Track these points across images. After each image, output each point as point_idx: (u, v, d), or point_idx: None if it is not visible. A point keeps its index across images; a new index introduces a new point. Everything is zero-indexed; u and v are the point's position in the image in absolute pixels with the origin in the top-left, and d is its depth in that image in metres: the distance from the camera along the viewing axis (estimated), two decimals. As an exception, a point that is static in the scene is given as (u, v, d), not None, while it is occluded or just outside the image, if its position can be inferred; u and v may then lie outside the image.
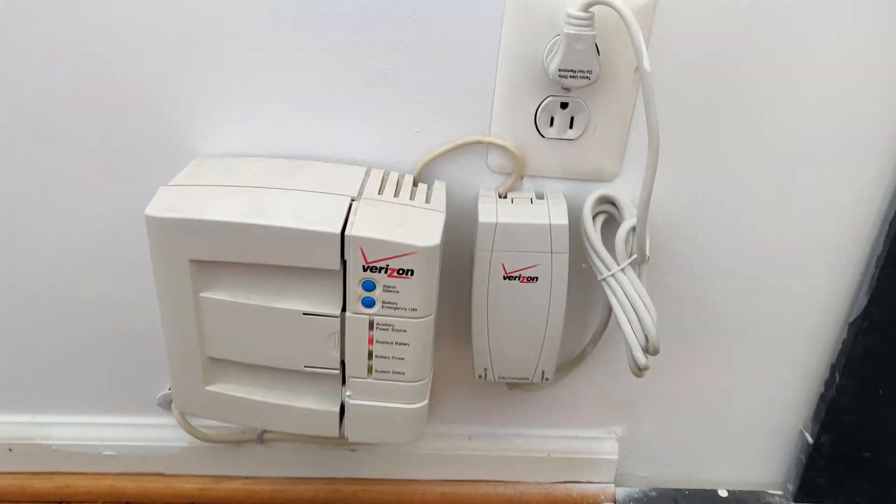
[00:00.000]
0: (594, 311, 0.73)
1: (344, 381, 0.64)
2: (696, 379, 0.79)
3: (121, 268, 0.71)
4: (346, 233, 0.55)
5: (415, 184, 0.64)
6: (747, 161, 0.66)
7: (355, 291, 0.57)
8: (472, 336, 0.68)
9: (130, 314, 0.74)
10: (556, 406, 0.81)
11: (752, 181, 0.67)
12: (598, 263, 0.64)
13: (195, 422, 0.81)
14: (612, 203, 0.65)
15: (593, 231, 0.64)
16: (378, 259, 0.56)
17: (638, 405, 0.81)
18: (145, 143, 0.64)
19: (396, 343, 0.60)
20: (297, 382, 0.64)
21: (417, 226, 0.57)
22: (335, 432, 0.66)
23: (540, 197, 0.65)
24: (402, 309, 0.58)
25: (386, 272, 0.56)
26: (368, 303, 0.58)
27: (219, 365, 0.64)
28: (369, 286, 0.57)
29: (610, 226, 0.66)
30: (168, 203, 0.57)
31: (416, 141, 0.64)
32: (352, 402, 0.63)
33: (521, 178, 0.66)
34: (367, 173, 0.63)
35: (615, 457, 0.83)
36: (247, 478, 0.85)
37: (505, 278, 0.64)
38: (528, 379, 0.71)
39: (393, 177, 0.64)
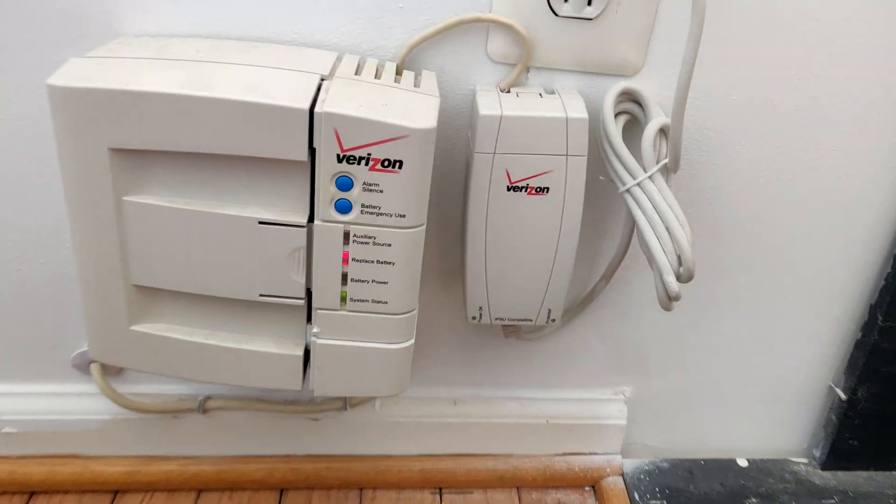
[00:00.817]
0: (609, 238, 0.62)
1: (310, 317, 0.51)
2: (715, 325, 0.68)
3: (13, 178, 0.57)
4: (317, 109, 0.43)
5: (398, 73, 0.51)
6: (795, 55, 0.55)
7: (327, 191, 0.45)
8: (466, 265, 0.55)
9: (34, 245, 0.60)
10: (556, 360, 0.69)
11: (802, 82, 0.56)
12: (622, 171, 0.52)
13: (122, 387, 0.67)
14: (636, 101, 0.54)
15: (616, 131, 0.52)
16: (358, 146, 0.43)
17: (649, 359, 0.70)
18: (50, 19, 0.50)
19: (379, 262, 0.47)
20: (249, 318, 0.51)
21: (407, 106, 0.45)
22: (297, 384, 0.53)
23: (550, 93, 0.53)
24: (386, 215, 0.46)
25: (367, 164, 0.44)
26: (343, 207, 0.45)
27: (148, 296, 0.50)
28: (345, 184, 0.45)
29: (631, 129, 0.55)
30: (81, 73, 0.43)
31: (400, 19, 0.52)
32: (319, 342, 0.50)
33: (528, 70, 0.54)
34: (339, 59, 0.50)
35: (623, 422, 0.72)
36: (185, 457, 0.71)
37: (509, 189, 0.52)
38: (531, 320, 0.59)
39: (371, 63, 0.51)
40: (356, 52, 0.53)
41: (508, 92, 0.53)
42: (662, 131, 0.52)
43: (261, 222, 0.46)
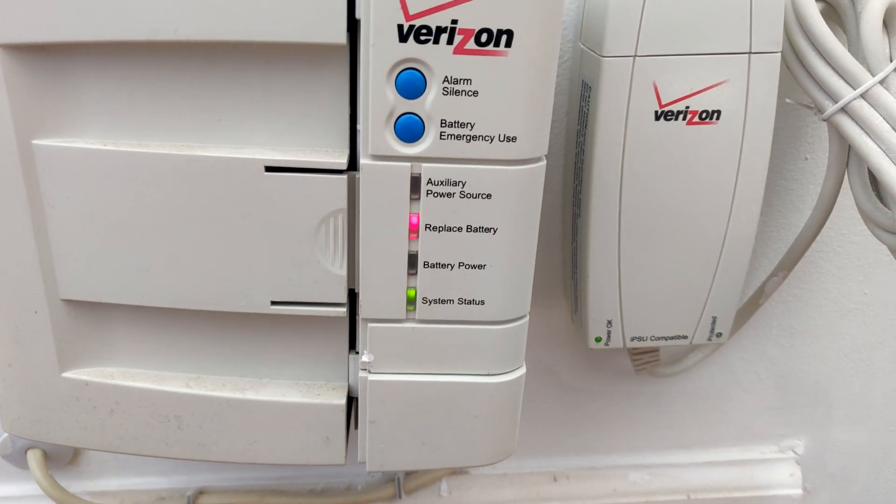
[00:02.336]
0: (787, 206, 0.42)
1: (353, 337, 0.31)
2: None
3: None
4: (360, -58, 0.24)
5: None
6: None
7: (381, 101, 0.26)
8: (588, 254, 0.36)
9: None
10: (701, 405, 0.48)
11: None
12: (833, 81, 0.33)
13: (75, 484, 0.46)
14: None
15: (818, 18, 0.33)
16: (438, 4, 0.24)
17: (830, 397, 0.49)
18: None
19: (470, 229, 0.28)
20: (255, 348, 0.31)
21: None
22: (338, 455, 0.32)
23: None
24: (483, 139, 0.26)
25: (451, 39, 0.25)
26: (410, 128, 0.26)
27: (87, 319, 0.30)
28: (412, 83, 0.25)
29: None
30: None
31: None
32: (373, 378, 0.30)
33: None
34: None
35: (797, 491, 0.50)
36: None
37: (658, 116, 0.33)
38: (686, 337, 0.38)
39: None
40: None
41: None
42: (886, 21, 0.34)
43: (269, 168, 0.27)
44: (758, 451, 0.50)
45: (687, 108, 0.33)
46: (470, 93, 0.26)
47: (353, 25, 0.25)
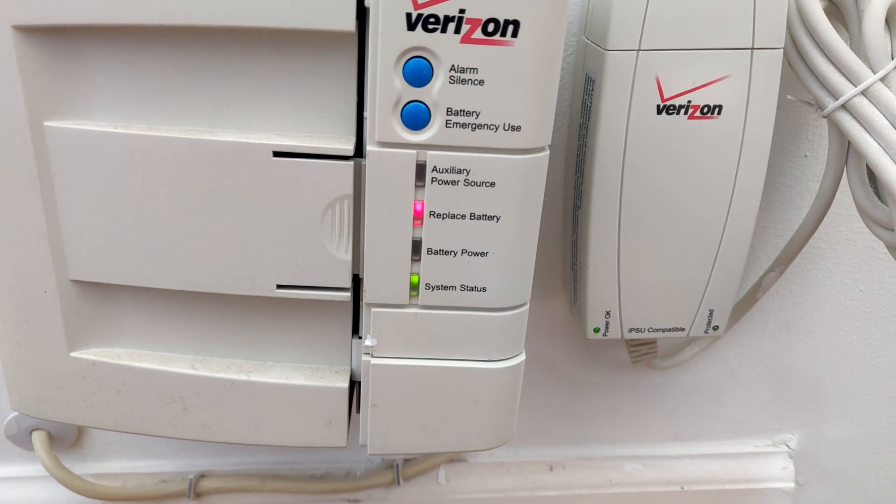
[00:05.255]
0: (785, 201, 0.43)
1: (357, 321, 0.31)
2: None
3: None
4: (371, -69, 0.24)
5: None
6: None
7: (389, 89, 0.26)
8: (587, 245, 0.36)
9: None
10: (696, 398, 0.49)
11: None
12: (835, 78, 0.33)
13: (79, 466, 0.47)
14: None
15: (821, 15, 0.34)
16: (443, -5, 0.25)
17: (824, 391, 0.49)
18: None
19: (473, 216, 0.28)
20: (259, 331, 0.32)
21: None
22: (340, 438, 0.32)
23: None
24: (488, 128, 0.27)
25: (458, 28, 0.25)
26: (416, 116, 0.27)
27: (96, 300, 0.31)
28: (420, 71, 0.26)
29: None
30: None
31: None
32: (376, 362, 0.31)
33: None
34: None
35: (789, 485, 0.50)
36: (174, 565, 0.49)
37: (661, 110, 0.33)
38: (683, 329, 0.39)
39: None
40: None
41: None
42: (888, 19, 0.34)
43: (276, 153, 0.27)
44: (751, 444, 0.51)
45: (689, 102, 0.33)
46: (476, 82, 0.26)
47: (361, 13, 0.25)
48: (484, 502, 0.50)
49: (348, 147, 0.27)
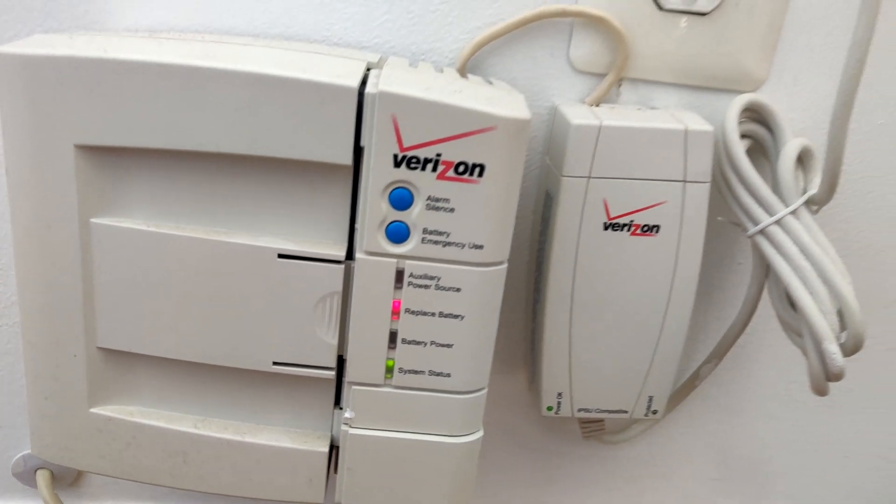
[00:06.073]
0: (721, 301, 0.48)
1: (339, 395, 0.37)
2: (874, 424, 0.53)
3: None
4: (369, 89, 0.31)
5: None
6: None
7: (377, 211, 0.32)
8: (543, 334, 0.42)
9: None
10: (647, 471, 0.54)
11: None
12: (753, 207, 0.40)
13: (75, 503, 0.51)
14: (760, 121, 0.42)
15: (743, 154, 0.40)
16: (424, 142, 0.31)
17: (768, 470, 0.55)
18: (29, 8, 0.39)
19: (442, 315, 0.34)
20: (256, 398, 0.37)
21: (488, 95, 0.33)
22: (318, 494, 0.38)
23: (651, 109, 0.42)
24: (456, 245, 0.33)
25: (435, 168, 0.31)
26: (398, 233, 0.32)
27: (118, 365, 0.36)
28: (402, 199, 0.32)
29: (752, 159, 0.43)
30: (43, 42, 0.31)
31: (460, 14, 0.41)
32: (353, 431, 0.36)
33: (620, 83, 0.42)
34: (384, 59, 0.39)
35: (726, 556, 0.55)
36: None
37: (607, 227, 0.39)
38: (626, 412, 0.44)
39: (426, 65, 0.40)
40: (404, 54, 0.41)
41: (598, 107, 0.41)
42: (803, 156, 0.41)
43: (280, 255, 0.33)
44: (695, 519, 0.56)
45: (631, 221, 0.39)
46: (448, 209, 0.32)
47: (357, 151, 0.31)
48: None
49: (340, 253, 0.33)
